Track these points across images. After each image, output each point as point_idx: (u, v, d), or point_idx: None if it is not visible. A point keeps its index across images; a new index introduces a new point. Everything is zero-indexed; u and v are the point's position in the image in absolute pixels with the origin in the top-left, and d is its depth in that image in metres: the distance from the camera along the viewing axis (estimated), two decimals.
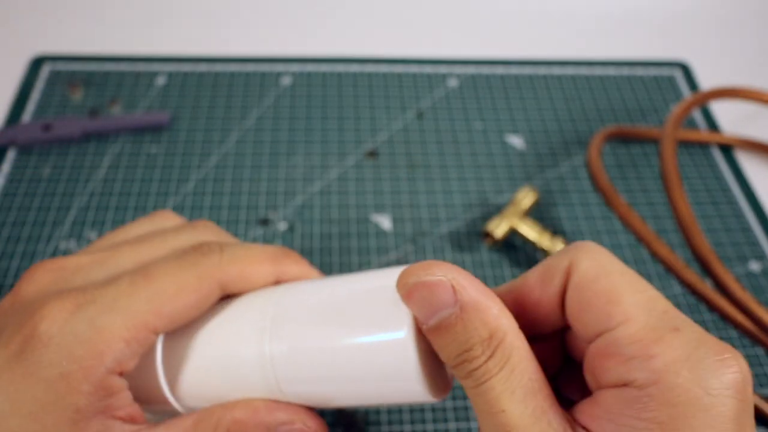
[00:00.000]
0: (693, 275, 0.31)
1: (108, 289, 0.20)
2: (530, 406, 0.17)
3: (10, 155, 0.42)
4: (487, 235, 0.37)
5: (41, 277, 0.22)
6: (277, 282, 0.23)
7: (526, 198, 0.38)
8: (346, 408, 0.22)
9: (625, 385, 0.17)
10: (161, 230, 0.24)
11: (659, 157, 0.34)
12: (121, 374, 0.20)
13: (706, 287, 0.31)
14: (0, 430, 0.19)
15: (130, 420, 0.21)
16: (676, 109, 0.38)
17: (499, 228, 0.37)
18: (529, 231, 0.37)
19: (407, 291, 0.18)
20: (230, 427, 0.21)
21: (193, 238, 0.23)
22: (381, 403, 0.21)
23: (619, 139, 0.46)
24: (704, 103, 0.42)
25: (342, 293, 0.21)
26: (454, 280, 0.18)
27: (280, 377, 0.21)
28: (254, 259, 0.22)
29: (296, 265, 0.24)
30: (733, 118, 0.49)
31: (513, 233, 0.38)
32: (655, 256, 0.32)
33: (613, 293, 0.18)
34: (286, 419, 0.21)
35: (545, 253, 0.36)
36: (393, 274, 0.20)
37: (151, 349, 0.22)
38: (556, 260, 0.19)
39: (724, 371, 0.16)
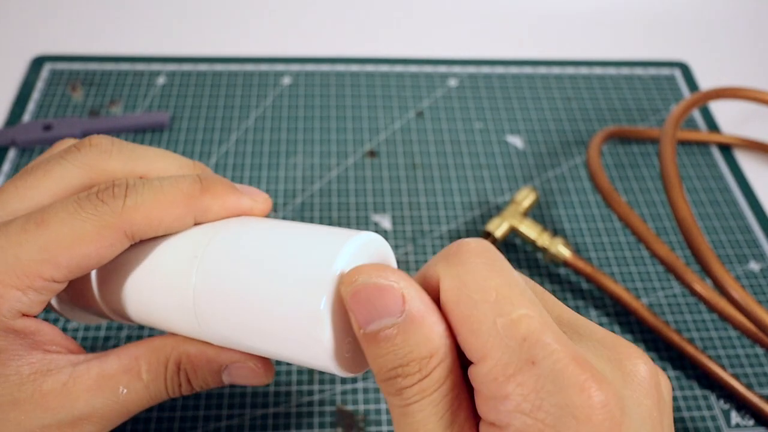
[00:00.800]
0: (693, 275, 0.31)
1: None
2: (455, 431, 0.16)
3: (11, 155, 0.42)
4: (488, 235, 0.37)
5: None
6: (197, 223, 0.22)
7: (527, 198, 0.38)
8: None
9: (492, 424, 0.16)
10: (45, 159, 0.22)
11: (659, 157, 0.34)
12: (29, 316, 0.20)
13: (706, 287, 0.31)
14: None
15: (68, 352, 0.21)
16: (675, 109, 0.38)
17: (499, 228, 0.37)
18: (529, 231, 0.37)
19: (354, 289, 0.17)
20: (181, 360, 0.21)
21: (82, 165, 0.22)
22: (293, 363, 0.20)
23: (618, 139, 0.46)
24: (704, 103, 0.42)
25: (281, 241, 0.20)
26: (405, 289, 0.17)
27: (199, 311, 0.20)
28: (164, 203, 0.20)
29: (217, 200, 0.21)
30: (732, 118, 0.49)
31: (513, 233, 0.38)
32: (655, 256, 0.32)
33: (474, 322, 0.16)
34: (237, 358, 0.22)
35: (545, 253, 0.36)
36: (339, 240, 0.19)
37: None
38: (429, 271, 0.18)
39: (584, 400, 0.15)
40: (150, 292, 0.21)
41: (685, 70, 0.52)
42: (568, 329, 0.18)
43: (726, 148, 0.47)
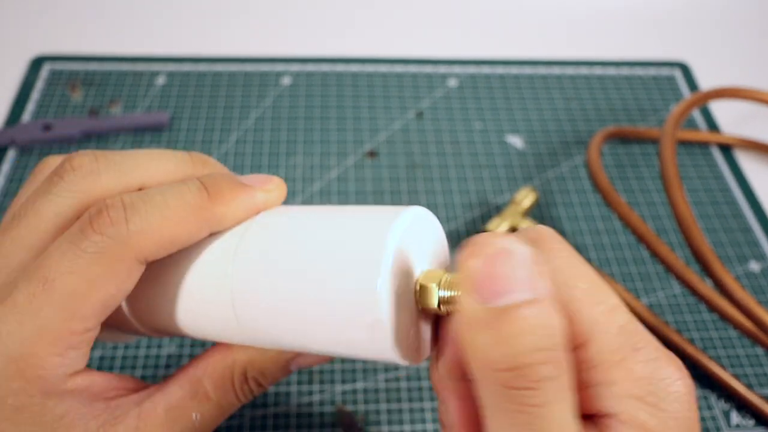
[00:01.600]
0: (693, 275, 0.31)
1: (5, 309, 0.18)
2: None
3: (10, 155, 0.42)
4: None
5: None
6: (213, 234, 0.20)
7: (526, 198, 0.38)
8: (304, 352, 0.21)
9: (593, 415, 0.16)
10: (31, 197, 0.20)
11: (659, 157, 0.34)
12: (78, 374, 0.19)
13: (706, 287, 0.31)
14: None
15: (128, 392, 0.20)
16: (676, 109, 0.38)
17: (499, 228, 0.37)
18: None
19: (480, 252, 0.14)
20: (247, 369, 0.20)
21: (71, 193, 0.20)
22: (342, 355, 0.18)
23: (618, 139, 0.46)
24: (704, 103, 0.42)
25: (314, 230, 0.18)
26: (535, 263, 0.14)
27: (242, 322, 0.19)
28: (172, 219, 0.18)
29: (229, 206, 0.19)
30: (732, 118, 0.49)
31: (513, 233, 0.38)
32: (655, 256, 0.32)
33: (573, 308, 0.15)
34: (297, 353, 0.21)
35: None
36: (387, 216, 0.17)
37: None
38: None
39: (681, 387, 0.15)
40: (187, 310, 0.20)
41: (685, 70, 0.52)
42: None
43: (726, 148, 0.47)
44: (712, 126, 0.48)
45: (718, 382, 0.34)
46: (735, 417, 0.33)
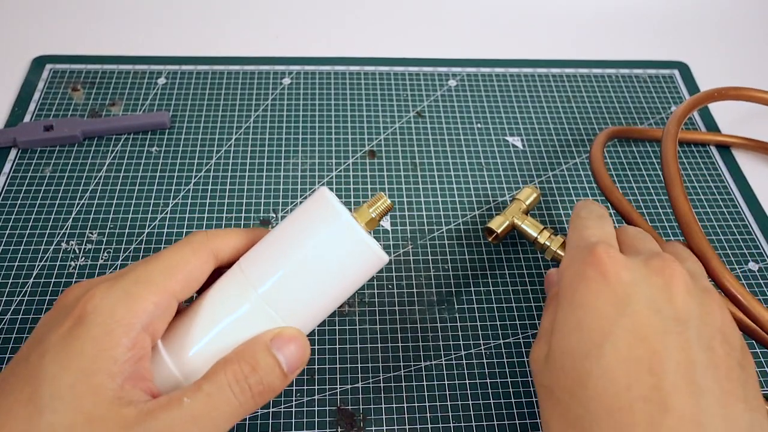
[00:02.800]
0: None
1: (130, 270, 0.24)
2: None
3: (12, 155, 0.42)
4: (491, 232, 0.38)
5: (74, 289, 0.25)
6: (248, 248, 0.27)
7: (530, 197, 0.38)
8: (327, 312, 0.27)
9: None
10: (58, 341, 0.25)
11: (661, 155, 0.34)
12: (152, 337, 0.23)
13: None
14: (54, 389, 0.21)
15: (150, 395, 0.23)
16: (679, 108, 0.38)
17: (501, 225, 0.37)
18: (531, 229, 0.37)
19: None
20: (275, 338, 0.25)
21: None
22: (353, 287, 0.26)
23: (618, 139, 0.46)
24: (706, 104, 0.42)
25: (285, 229, 0.26)
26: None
27: (278, 308, 0.25)
28: (230, 232, 0.27)
29: (261, 233, 0.28)
30: (732, 118, 0.49)
31: (514, 230, 0.38)
32: None
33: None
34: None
35: (545, 251, 0.36)
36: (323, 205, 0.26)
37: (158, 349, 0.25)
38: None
39: (592, 257, 0.26)
40: (223, 322, 0.25)
41: (685, 70, 0.53)
42: (625, 246, 0.27)
43: (725, 148, 0.47)
44: (711, 126, 0.48)
45: None
46: None
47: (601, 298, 0.24)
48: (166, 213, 0.40)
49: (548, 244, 0.36)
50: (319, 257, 0.25)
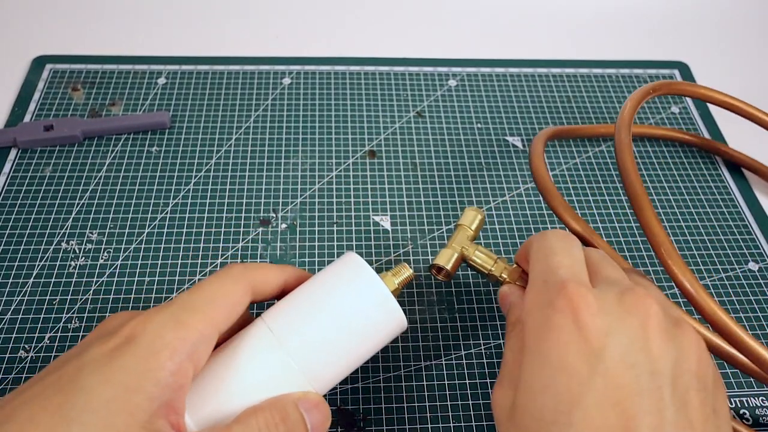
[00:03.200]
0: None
1: (176, 299, 0.25)
2: None
3: (12, 155, 0.42)
4: (438, 268, 0.32)
5: (117, 316, 0.25)
6: (284, 287, 0.28)
7: (475, 221, 0.33)
8: (350, 370, 0.27)
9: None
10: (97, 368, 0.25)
11: (622, 176, 0.31)
12: (195, 367, 0.23)
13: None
14: (88, 402, 0.21)
15: (177, 430, 0.23)
16: (623, 111, 0.34)
17: (451, 260, 0.31)
18: (482, 261, 0.31)
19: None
20: (302, 400, 0.25)
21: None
22: (375, 348, 0.27)
23: (561, 138, 0.45)
24: (648, 98, 0.37)
25: (316, 287, 0.27)
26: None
27: (306, 371, 0.25)
28: (266, 267, 0.27)
29: (295, 271, 0.28)
30: (732, 118, 0.49)
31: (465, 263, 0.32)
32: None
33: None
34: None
35: (500, 283, 0.31)
36: (349, 265, 0.27)
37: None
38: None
39: (561, 297, 0.24)
40: (250, 382, 0.25)
41: (685, 70, 0.53)
42: (592, 275, 0.25)
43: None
44: (715, 132, 0.48)
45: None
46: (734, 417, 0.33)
47: (572, 351, 0.22)
48: (166, 213, 0.40)
49: (504, 276, 0.30)
50: (347, 317, 0.26)
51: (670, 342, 0.23)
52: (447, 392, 0.33)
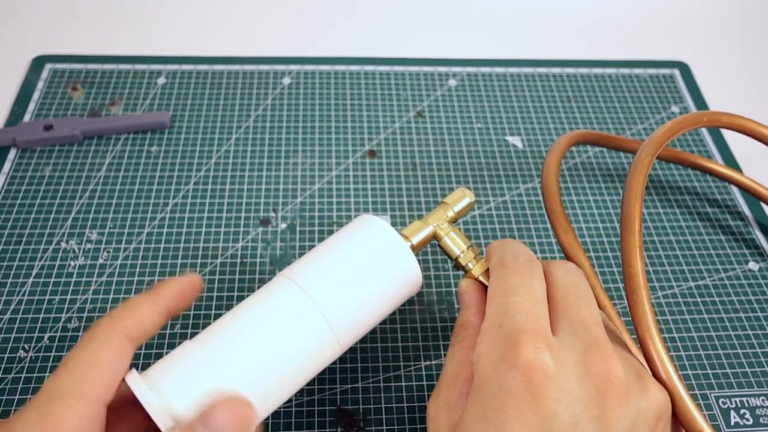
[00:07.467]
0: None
1: (43, 387, 0.22)
2: None
3: (11, 155, 0.42)
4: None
5: None
6: (168, 313, 0.25)
7: (461, 202, 0.30)
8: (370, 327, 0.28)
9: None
10: None
11: (623, 193, 0.29)
12: None
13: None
14: None
15: None
16: (655, 135, 0.30)
17: (418, 233, 0.29)
18: (452, 244, 0.29)
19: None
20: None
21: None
22: (395, 304, 0.28)
23: (589, 144, 0.45)
24: (692, 128, 0.32)
25: (333, 243, 0.28)
26: None
27: (338, 331, 0.26)
28: (137, 306, 0.24)
29: (172, 289, 0.25)
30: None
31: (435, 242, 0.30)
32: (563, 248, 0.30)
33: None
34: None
35: (465, 272, 0.29)
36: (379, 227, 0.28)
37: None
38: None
39: (516, 351, 0.22)
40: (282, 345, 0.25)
41: (685, 70, 0.53)
42: (556, 313, 0.24)
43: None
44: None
45: (716, 382, 0.34)
46: (734, 416, 0.33)
47: (521, 420, 0.21)
48: (166, 213, 0.40)
49: (471, 266, 0.29)
50: (365, 267, 0.27)
51: (629, 405, 0.22)
52: None
